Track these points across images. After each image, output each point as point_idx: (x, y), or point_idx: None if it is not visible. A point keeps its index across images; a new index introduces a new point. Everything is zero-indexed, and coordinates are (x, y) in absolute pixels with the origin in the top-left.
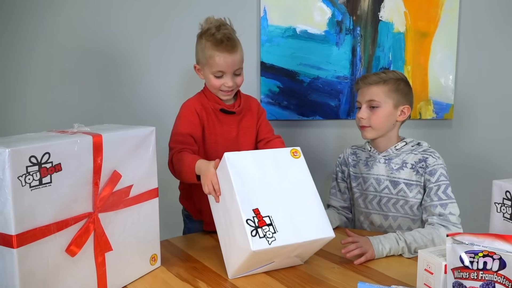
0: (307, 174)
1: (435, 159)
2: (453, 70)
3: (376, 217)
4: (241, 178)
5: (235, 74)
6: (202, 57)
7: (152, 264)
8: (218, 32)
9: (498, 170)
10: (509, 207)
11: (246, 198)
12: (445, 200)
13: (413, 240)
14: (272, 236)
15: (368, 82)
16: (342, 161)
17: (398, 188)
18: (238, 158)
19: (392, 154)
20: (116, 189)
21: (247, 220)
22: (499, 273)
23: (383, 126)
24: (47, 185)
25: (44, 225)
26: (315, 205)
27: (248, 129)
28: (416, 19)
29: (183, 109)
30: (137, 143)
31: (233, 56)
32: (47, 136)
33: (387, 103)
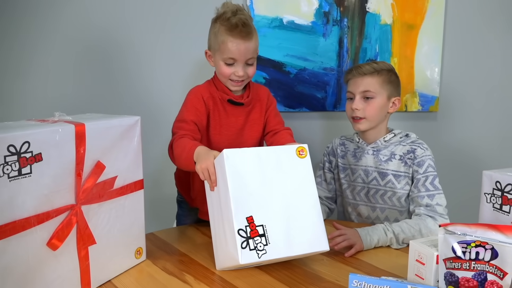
0: (311, 178)
1: (423, 150)
2: (439, 63)
3: (363, 208)
4: (238, 180)
5: (247, 64)
6: (215, 42)
7: (137, 257)
8: (234, 17)
9: (483, 161)
10: (499, 197)
11: (241, 204)
12: (432, 191)
13: (400, 231)
14: (263, 249)
15: (363, 72)
16: (330, 151)
17: (386, 180)
18: (238, 156)
19: (380, 145)
20: (100, 180)
21: (239, 230)
22: (491, 263)
23: (377, 117)
24: (26, 176)
25: (24, 218)
26: (314, 215)
27: (256, 121)
28: (403, 11)
29: (190, 95)
30: (121, 133)
31: (246, 44)
32: (27, 124)
33: (382, 94)
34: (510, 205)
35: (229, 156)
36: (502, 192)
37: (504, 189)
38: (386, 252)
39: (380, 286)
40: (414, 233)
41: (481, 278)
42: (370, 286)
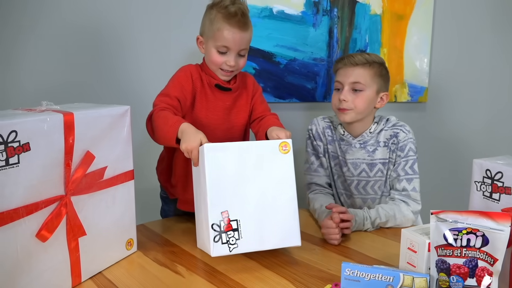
0: (291, 174)
1: (405, 134)
2: (428, 54)
3: (355, 200)
4: (217, 175)
5: (239, 54)
6: (209, 29)
7: (128, 249)
8: (233, 5)
9: (471, 151)
10: (489, 185)
11: (217, 199)
12: (411, 175)
13: (377, 216)
14: (235, 243)
15: (355, 62)
16: (315, 135)
17: (375, 170)
18: (218, 151)
19: (366, 137)
20: (90, 170)
21: (213, 224)
22: (482, 250)
23: (365, 111)
24: (14, 166)
25: (12, 209)
26: (289, 210)
27: (242, 107)
28: (393, 1)
29: (180, 72)
30: (111, 123)
31: (242, 34)
32: (14, 113)
33: (371, 87)
34: (500, 192)
35: (210, 150)
36: (492, 180)
37: (494, 177)
38: (377, 241)
39: (373, 274)
40: (389, 218)
41: (472, 265)
42: (363, 274)
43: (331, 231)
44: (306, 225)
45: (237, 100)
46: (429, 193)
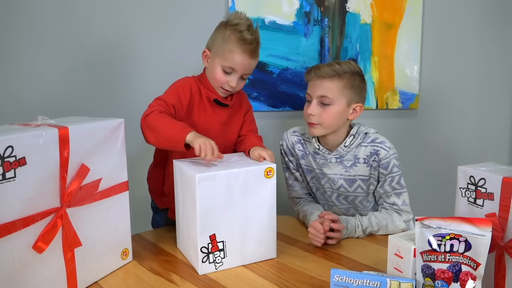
0: (273, 196)
1: (386, 151)
2: (418, 61)
3: (337, 209)
4: (207, 203)
5: (242, 78)
6: (220, 47)
7: (123, 258)
8: (248, 32)
9: (462, 157)
10: (473, 191)
11: (206, 224)
12: (399, 189)
13: (369, 225)
14: (220, 261)
15: (321, 75)
16: (286, 150)
17: (354, 186)
18: (209, 180)
19: (342, 152)
20: (85, 183)
21: (202, 247)
22: (465, 255)
23: (334, 124)
24: (11, 180)
25: (9, 222)
26: (269, 228)
27: (235, 122)
28: (382, 10)
29: (179, 83)
30: (105, 136)
31: (251, 61)
32: (10, 129)
33: (340, 101)
34: (483, 198)
35: (201, 181)
36: (476, 187)
37: (477, 183)
38: (368, 247)
39: (361, 280)
40: (381, 227)
41: (456, 269)
42: (351, 280)
43: (317, 234)
44: (297, 232)
45: (232, 116)
46: (420, 199)
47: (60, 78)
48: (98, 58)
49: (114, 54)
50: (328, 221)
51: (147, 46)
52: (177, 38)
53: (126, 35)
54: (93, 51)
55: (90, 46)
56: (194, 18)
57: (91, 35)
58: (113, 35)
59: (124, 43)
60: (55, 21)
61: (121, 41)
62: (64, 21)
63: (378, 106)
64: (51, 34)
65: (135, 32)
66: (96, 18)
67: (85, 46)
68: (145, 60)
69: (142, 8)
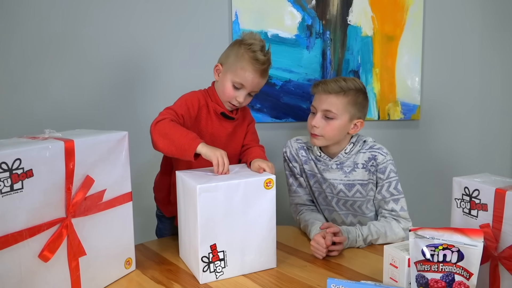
0: (273, 207)
1: (384, 156)
2: (419, 72)
3: (337, 215)
4: (208, 214)
5: (249, 94)
6: (233, 63)
7: (127, 267)
8: (261, 52)
9: (464, 168)
10: (468, 202)
11: (207, 234)
12: (396, 195)
13: (369, 233)
14: (221, 271)
15: (328, 90)
16: (290, 157)
17: (353, 191)
18: (210, 191)
19: (343, 158)
20: (89, 193)
21: (202, 257)
22: (458, 265)
23: (335, 137)
24: (18, 191)
25: (16, 231)
26: (269, 238)
27: (240, 134)
28: (383, 23)
29: (188, 96)
30: (109, 148)
31: (261, 80)
32: (18, 142)
33: (344, 116)
34: (477, 209)
35: (202, 191)
36: (470, 197)
37: (472, 194)
38: (368, 257)
39: None
40: (380, 235)
41: (449, 279)
42: None
43: (319, 248)
44: (298, 243)
45: (237, 128)
46: (422, 209)
47: (68, 92)
48: (104, 73)
49: (121, 69)
50: (330, 235)
51: (153, 60)
52: (181, 52)
53: (133, 50)
54: (100, 66)
55: (98, 61)
56: (198, 32)
57: (99, 50)
58: (121, 50)
59: (131, 57)
60: (64, 37)
61: (128, 56)
62: (73, 36)
63: (380, 117)
64: (60, 50)
65: (141, 47)
66: (104, 34)
67: (92, 61)
68: (151, 74)
69: (148, 23)
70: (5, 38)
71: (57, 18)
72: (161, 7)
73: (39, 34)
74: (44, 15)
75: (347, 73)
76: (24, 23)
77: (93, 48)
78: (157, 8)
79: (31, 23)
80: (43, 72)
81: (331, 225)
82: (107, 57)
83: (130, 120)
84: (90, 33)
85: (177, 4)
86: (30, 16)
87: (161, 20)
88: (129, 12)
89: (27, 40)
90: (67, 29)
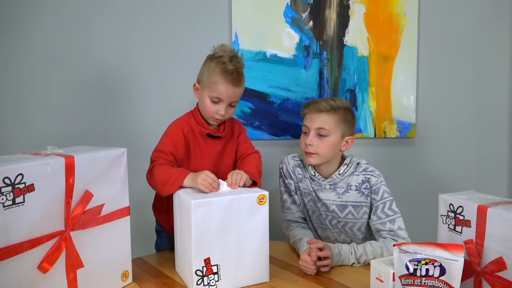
0: (265, 222)
1: (376, 178)
2: (414, 91)
3: (330, 233)
4: (201, 228)
5: (230, 105)
6: (207, 79)
7: (123, 280)
8: (230, 63)
9: (458, 185)
10: (453, 218)
11: (201, 248)
12: (392, 216)
13: (364, 253)
14: (214, 284)
15: (319, 109)
16: (286, 173)
17: (345, 212)
18: (204, 206)
19: (336, 179)
20: (88, 207)
21: (196, 270)
22: (440, 279)
23: (329, 154)
24: (20, 205)
25: (17, 243)
26: (261, 253)
27: (230, 150)
28: (378, 43)
29: (171, 128)
30: (108, 164)
31: (235, 89)
32: (21, 158)
33: (336, 133)
34: (462, 225)
35: (196, 207)
36: (455, 214)
37: (456, 211)
38: (357, 271)
39: None
40: (376, 255)
41: None
42: None
43: (307, 265)
44: (290, 257)
45: (226, 145)
46: (418, 227)
47: (70, 109)
48: (103, 91)
49: (120, 87)
50: (315, 251)
51: (152, 79)
52: (180, 72)
53: (131, 69)
54: (99, 85)
55: (99, 78)
56: (199, 51)
57: (98, 69)
58: (119, 69)
59: (130, 76)
60: (70, 57)
61: (127, 75)
62: (73, 56)
63: (376, 135)
64: (61, 69)
65: (141, 66)
66: (102, 52)
67: (92, 80)
68: (150, 93)
69: (149, 43)
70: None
71: (57, 38)
72: (162, 27)
73: (45, 53)
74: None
75: (344, 91)
76: (25, 44)
77: (93, 68)
78: (157, 29)
79: (31, 44)
80: (45, 93)
81: (316, 241)
82: (108, 75)
83: (137, 136)
84: (93, 56)
85: (178, 24)
86: (32, 37)
87: (161, 39)
88: (128, 31)
89: (32, 58)
90: (67, 49)
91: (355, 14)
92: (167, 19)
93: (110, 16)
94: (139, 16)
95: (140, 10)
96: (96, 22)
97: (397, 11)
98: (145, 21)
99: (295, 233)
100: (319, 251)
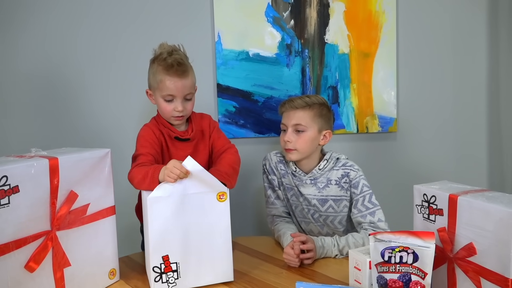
0: (227, 219)
1: (355, 172)
2: (395, 87)
3: (313, 226)
4: (160, 224)
5: (185, 99)
6: (154, 81)
7: (111, 278)
8: (170, 57)
9: (440, 177)
10: (427, 208)
11: (159, 245)
12: (372, 208)
13: (346, 244)
14: (173, 282)
15: (295, 106)
16: (269, 169)
17: (326, 206)
18: (162, 202)
19: (317, 174)
20: (73, 208)
21: (154, 267)
22: (414, 265)
23: (308, 149)
24: (5, 206)
25: (3, 244)
26: (224, 250)
27: (202, 150)
28: (359, 41)
29: (142, 132)
30: (93, 164)
31: (183, 81)
32: (5, 160)
33: (312, 128)
34: (435, 214)
35: (153, 203)
36: (429, 203)
37: (430, 200)
38: (339, 263)
39: None
40: (358, 246)
41: (406, 279)
42: None
43: (291, 258)
44: (274, 251)
45: (197, 147)
46: (401, 220)
47: (53, 113)
48: (91, 94)
49: (104, 90)
50: (298, 244)
51: (136, 80)
52: None
53: (114, 70)
54: (85, 89)
55: (84, 83)
56: None
57: (86, 71)
58: (103, 71)
59: (113, 79)
60: (52, 60)
61: (111, 77)
62: (59, 61)
63: (358, 130)
64: (48, 74)
65: (124, 67)
66: (88, 55)
67: (79, 83)
68: (133, 94)
69: (132, 43)
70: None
71: (39, 45)
72: (144, 28)
73: (35, 57)
74: (27, 43)
75: (326, 89)
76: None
77: (72, 74)
78: (140, 30)
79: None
80: (34, 96)
81: (299, 235)
82: (95, 77)
83: (112, 137)
84: (72, 60)
85: (160, 25)
86: (13, 44)
87: (144, 40)
88: (109, 32)
89: (21, 63)
90: (46, 55)
91: (335, 13)
92: (149, 20)
93: (96, 18)
94: (121, 18)
95: (122, 12)
96: (85, 24)
97: (375, 9)
98: (127, 23)
99: (279, 227)
100: (302, 244)
